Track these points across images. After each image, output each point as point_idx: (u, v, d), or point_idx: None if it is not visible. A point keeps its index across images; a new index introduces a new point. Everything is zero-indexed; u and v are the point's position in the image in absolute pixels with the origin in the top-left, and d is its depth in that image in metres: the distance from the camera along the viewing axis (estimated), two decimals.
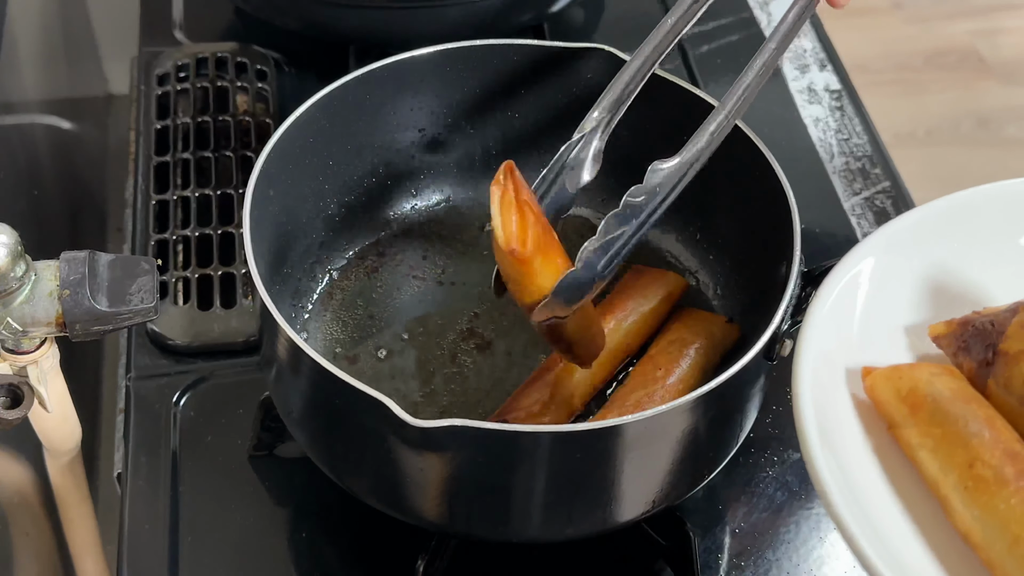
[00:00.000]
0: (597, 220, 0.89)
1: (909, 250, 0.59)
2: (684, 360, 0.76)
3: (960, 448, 0.51)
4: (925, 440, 0.53)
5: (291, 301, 0.81)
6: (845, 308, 0.57)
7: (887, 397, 0.54)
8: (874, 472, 0.53)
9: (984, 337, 0.54)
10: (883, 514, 0.51)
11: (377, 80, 0.81)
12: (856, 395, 0.55)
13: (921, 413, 0.53)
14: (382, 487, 0.69)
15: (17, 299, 0.64)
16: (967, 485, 0.50)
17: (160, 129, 1.00)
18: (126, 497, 0.78)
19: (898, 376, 0.54)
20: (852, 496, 0.49)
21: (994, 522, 0.49)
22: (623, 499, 0.68)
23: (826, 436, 0.51)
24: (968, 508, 0.50)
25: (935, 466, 0.52)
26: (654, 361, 0.77)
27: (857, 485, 0.51)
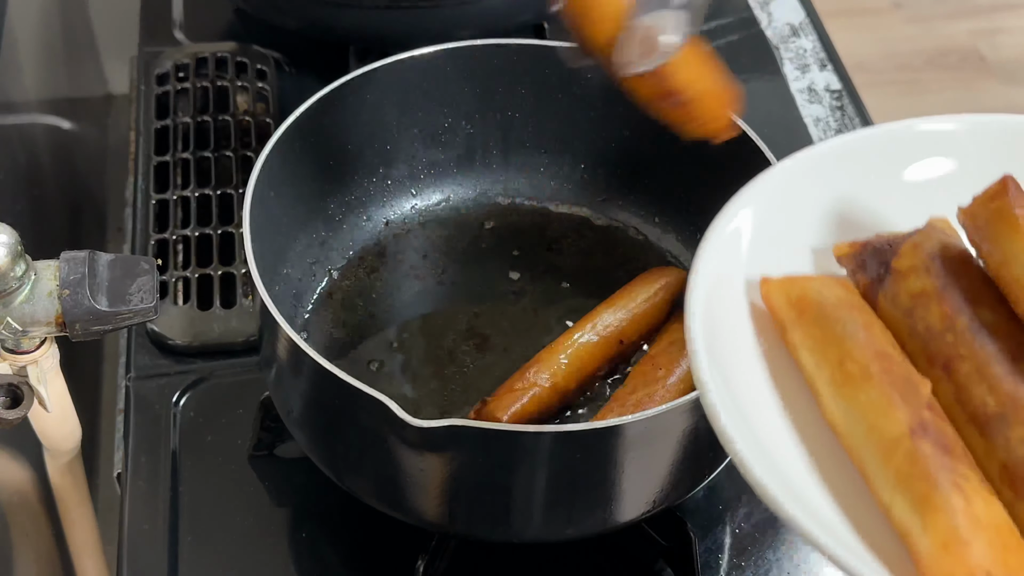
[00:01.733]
0: (597, 219, 0.89)
1: (813, 180, 0.62)
2: (684, 360, 0.76)
3: (835, 347, 0.56)
4: (806, 340, 0.57)
5: (291, 301, 0.81)
6: (750, 230, 0.61)
7: (779, 303, 0.58)
8: (758, 370, 0.57)
9: (880, 255, 0.59)
10: (759, 406, 0.55)
11: (377, 80, 0.81)
12: (755, 303, 0.59)
13: (806, 316, 0.57)
14: (382, 487, 0.69)
15: (17, 299, 0.64)
16: (836, 380, 0.55)
17: (160, 129, 1.00)
18: (126, 497, 0.78)
19: (791, 284, 0.59)
20: (728, 391, 0.53)
21: (856, 412, 0.53)
22: (623, 499, 0.68)
23: (713, 341, 0.55)
24: (835, 400, 0.54)
25: (812, 363, 0.56)
26: (654, 361, 0.77)
27: (737, 379, 0.55)
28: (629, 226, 0.89)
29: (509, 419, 0.73)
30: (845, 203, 0.63)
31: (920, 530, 0.49)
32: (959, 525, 0.48)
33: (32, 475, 0.83)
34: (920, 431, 0.51)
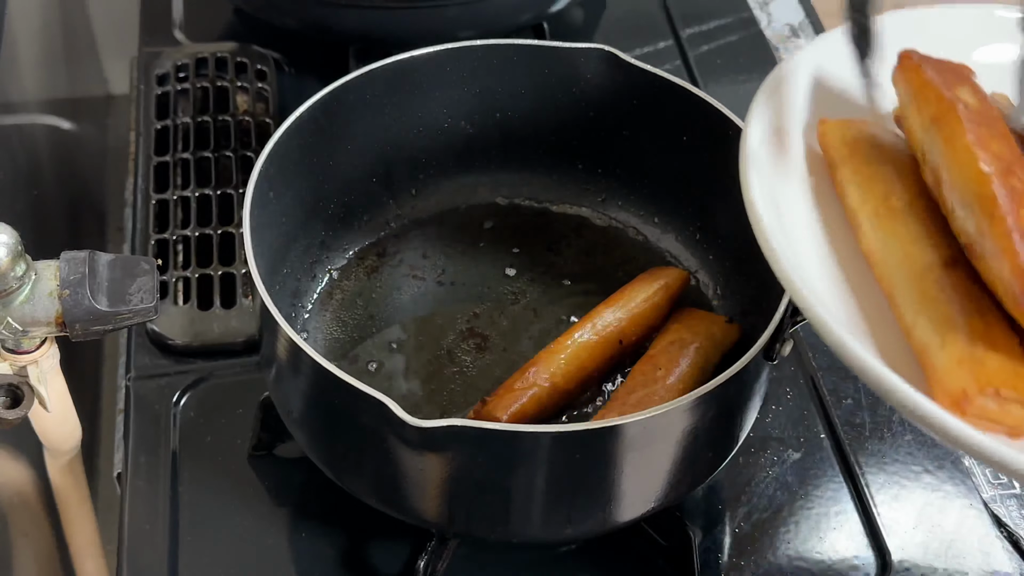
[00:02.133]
0: (597, 219, 0.89)
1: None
2: (684, 359, 0.76)
3: (882, 183, 0.58)
4: (855, 176, 0.59)
5: (291, 301, 0.81)
6: (812, 80, 0.64)
7: (835, 141, 0.61)
8: (806, 203, 0.60)
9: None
10: (803, 235, 0.59)
11: (377, 80, 0.81)
12: (811, 145, 0.62)
13: (858, 155, 0.60)
14: (382, 487, 0.69)
15: (17, 299, 0.64)
16: (880, 212, 0.58)
17: (160, 129, 1.00)
18: (126, 497, 0.78)
19: (848, 125, 0.61)
20: (779, 219, 0.56)
21: (893, 241, 0.56)
22: (623, 499, 0.68)
23: (767, 177, 0.58)
24: (875, 231, 0.57)
25: (857, 197, 0.59)
26: (654, 361, 0.77)
27: (784, 210, 0.58)
28: (629, 226, 0.89)
29: (509, 419, 0.73)
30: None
31: (938, 347, 0.51)
32: (976, 345, 0.50)
33: (32, 475, 0.83)
34: (952, 263, 0.54)
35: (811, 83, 0.64)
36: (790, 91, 0.63)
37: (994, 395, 0.49)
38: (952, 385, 0.50)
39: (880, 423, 0.84)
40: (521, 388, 0.74)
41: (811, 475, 0.81)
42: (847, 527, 0.79)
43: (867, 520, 0.79)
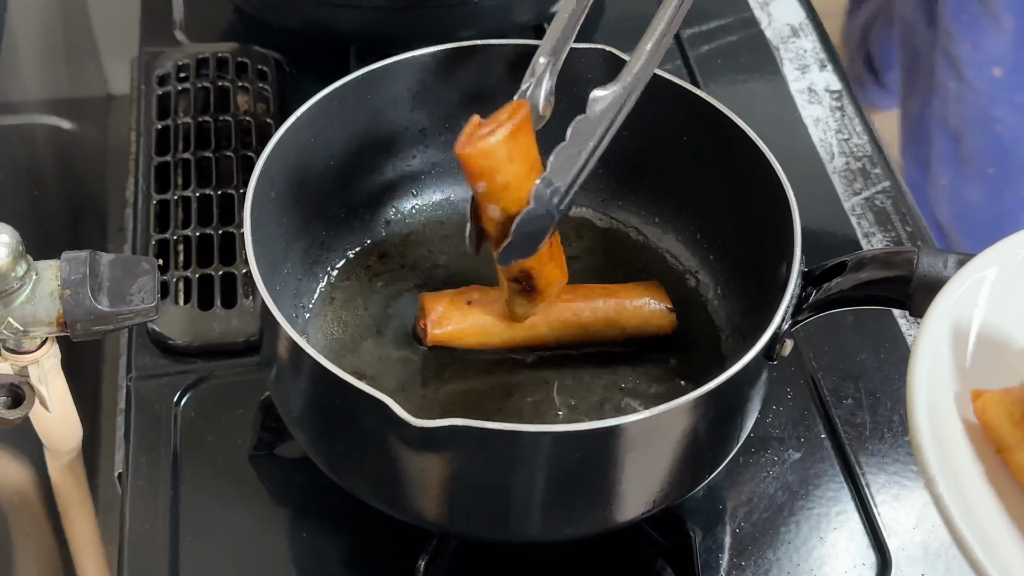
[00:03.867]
0: (597, 219, 0.89)
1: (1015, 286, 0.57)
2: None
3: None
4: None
5: (292, 301, 0.81)
6: (959, 326, 0.56)
7: (999, 421, 0.53)
8: (989, 497, 0.52)
9: None
10: (1002, 538, 0.50)
11: (377, 80, 0.81)
12: (966, 418, 0.54)
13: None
14: (382, 487, 0.69)
15: (18, 299, 0.64)
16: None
17: (161, 129, 1.00)
18: (127, 497, 0.78)
19: (1011, 399, 0.53)
20: (973, 520, 0.49)
21: None
22: (623, 499, 0.68)
23: (944, 461, 0.50)
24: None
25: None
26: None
27: (975, 510, 0.50)
28: (629, 226, 0.89)
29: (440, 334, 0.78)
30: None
31: None
32: None
33: (33, 475, 0.83)
34: None
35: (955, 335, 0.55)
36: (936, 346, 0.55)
37: None
38: None
39: (881, 423, 0.84)
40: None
41: (811, 475, 0.81)
42: (847, 527, 0.79)
43: (867, 520, 0.79)
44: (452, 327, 0.79)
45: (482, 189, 0.68)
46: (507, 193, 0.68)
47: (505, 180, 0.67)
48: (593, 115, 0.70)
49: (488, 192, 0.68)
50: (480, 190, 0.68)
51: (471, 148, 0.66)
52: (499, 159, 0.66)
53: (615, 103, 0.70)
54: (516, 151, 0.67)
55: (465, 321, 0.79)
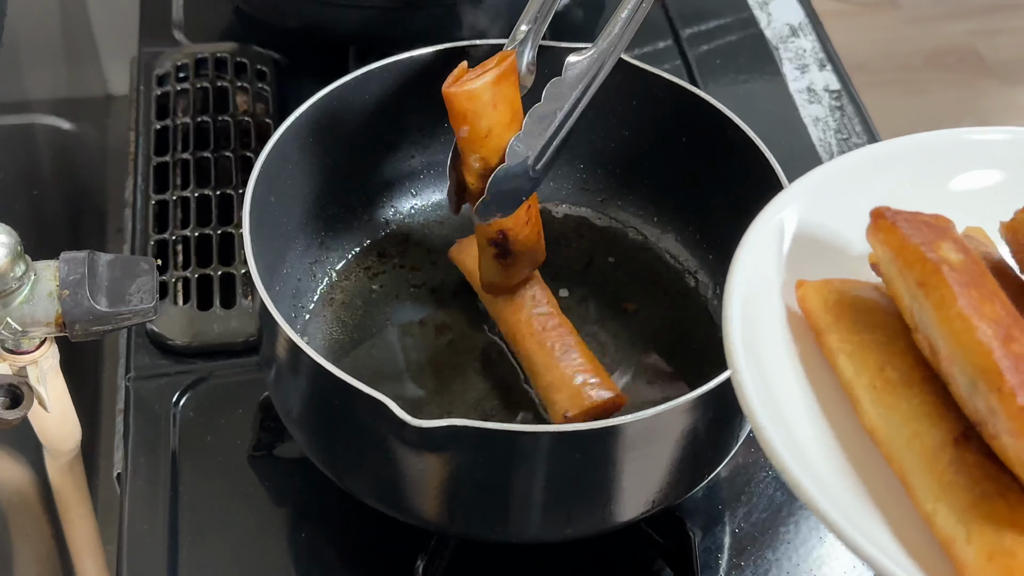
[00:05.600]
0: (597, 219, 0.89)
1: (855, 185, 0.62)
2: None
3: (875, 352, 0.55)
4: (844, 345, 0.56)
5: (291, 301, 0.81)
6: (789, 232, 0.60)
7: (816, 306, 0.58)
8: (793, 372, 0.56)
9: None
10: (797, 412, 0.54)
11: (377, 80, 0.81)
12: (790, 307, 0.59)
13: (844, 321, 0.56)
14: (382, 487, 0.69)
15: (17, 299, 0.64)
16: (877, 386, 0.54)
17: (160, 129, 1.00)
18: (126, 497, 0.78)
19: (828, 287, 0.58)
20: (768, 394, 0.53)
21: (897, 419, 0.53)
22: (623, 499, 0.68)
23: (752, 345, 0.54)
24: (875, 407, 0.54)
25: (851, 368, 0.55)
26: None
27: (772, 379, 0.54)
28: (629, 226, 0.89)
29: None
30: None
31: (964, 540, 0.49)
32: (1004, 534, 0.48)
33: (32, 475, 0.83)
34: (964, 439, 0.51)
35: (788, 233, 0.60)
36: (766, 243, 0.60)
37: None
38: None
39: None
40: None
41: None
42: None
43: None
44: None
45: (465, 133, 0.69)
46: (488, 141, 0.70)
47: (488, 126, 0.69)
48: (568, 78, 0.72)
49: (470, 138, 0.69)
50: (463, 134, 0.69)
51: (457, 88, 0.68)
52: (483, 103, 0.69)
53: (590, 68, 0.72)
54: (500, 98, 0.69)
55: None
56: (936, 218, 0.56)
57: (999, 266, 0.57)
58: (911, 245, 0.54)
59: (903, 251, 0.54)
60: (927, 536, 0.50)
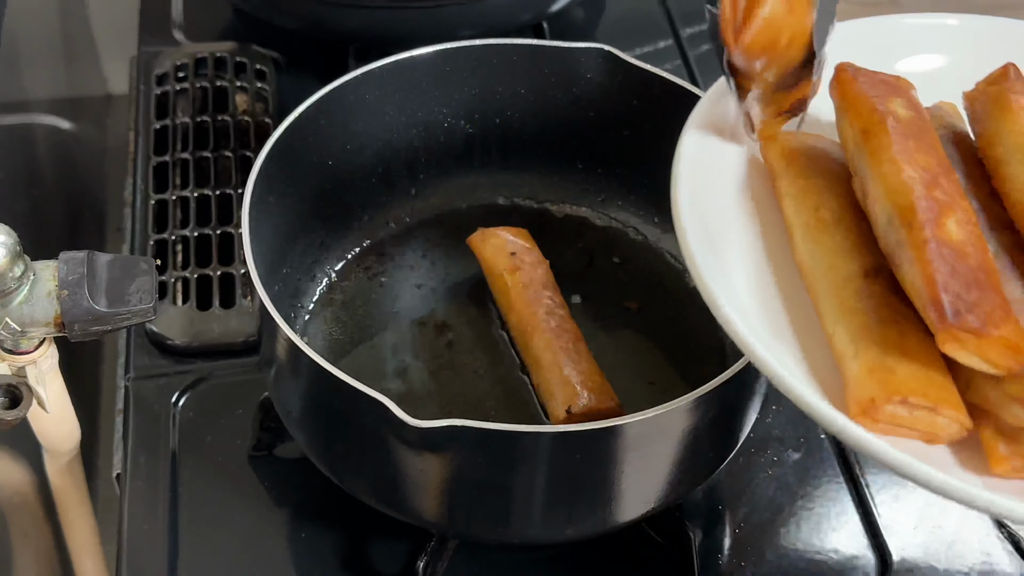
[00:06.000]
0: (597, 219, 0.89)
1: None
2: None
3: (814, 195, 0.59)
4: (791, 188, 0.60)
5: (290, 301, 0.81)
6: None
7: (774, 154, 0.62)
8: (745, 220, 0.61)
9: None
10: (737, 253, 0.59)
11: (377, 80, 0.81)
12: (753, 156, 0.63)
13: (795, 167, 0.61)
14: (382, 487, 0.69)
15: (16, 299, 0.64)
16: (811, 224, 0.58)
17: (159, 129, 1.00)
18: (125, 498, 0.78)
19: (788, 137, 0.62)
20: (707, 235, 0.57)
21: (819, 253, 0.57)
22: (623, 499, 0.68)
23: (699, 196, 0.59)
24: (805, 242, 0.58)
25: (792, 209, 0.60)
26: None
27: (717, 230, 0.58)
28: (629, 226, 0.89)
29: None
30: None
31: (851, 356, 0.52)
32: (888, 354, 0.51)
33: (31, 476, 0.83)
34: (874, 273, 0.55)
35: None
36: (718, 99, 0.63)
37: (902, 403, 0.50)
38: (861, 394, 0.51)
39: None
40: None
41: (811, 475, 0.81)
42: (847, 527, 0.78)
43: (867, 520, 0.79)
44: None
45: (761, 66, 0.59)
46: (793, 44, 0.59)
47: (789, 36, 0.59)
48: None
49: (770, 61, 0.59)
50: (758, 68, 0.59)
51: (748, 35, 0.58)
52: (778, 24, 0.58)
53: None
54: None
55: None
56: (896, 79, 0.60)
57: (961, 137, 0.60)
58: (864, 96, 0.58)
59: (856, 101, 0.58)
60: (830, 359, 0.54)
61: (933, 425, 0.51)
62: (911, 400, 0.50)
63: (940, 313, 0.49)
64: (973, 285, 0.50)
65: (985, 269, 0.51)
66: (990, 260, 0.52)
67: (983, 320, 0.49)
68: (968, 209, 0.54)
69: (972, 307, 0.49)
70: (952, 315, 0.49)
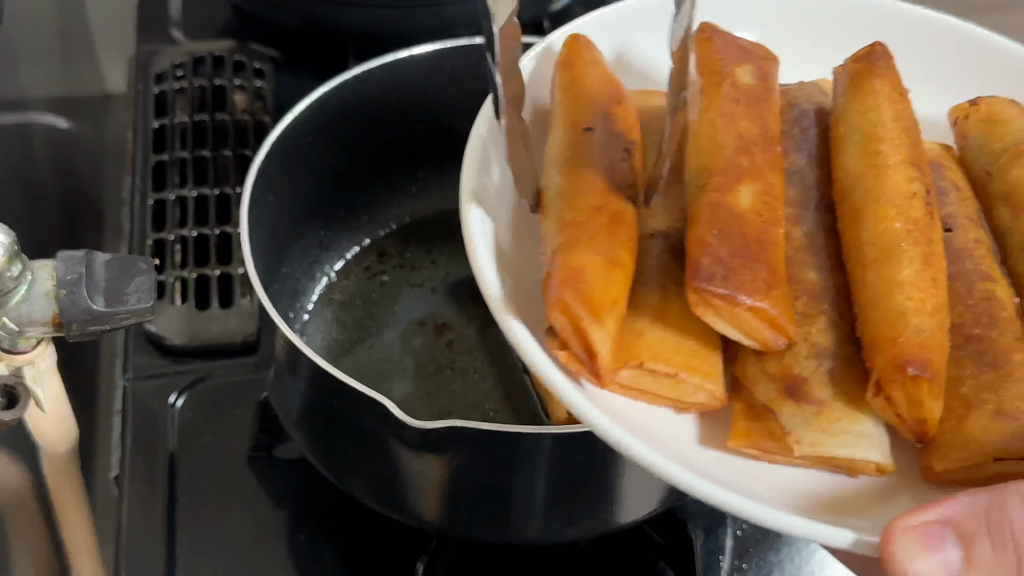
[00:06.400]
0: None
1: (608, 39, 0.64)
2: None
3: None
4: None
5: (290, 301, 0.81)
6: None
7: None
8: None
9: None
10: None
11: (376, 79, 0.81)
12: None
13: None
14: (381, 488, 0.69)
15: (13, 299, 0.64)
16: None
17: (157, 128, 1.00)
18: (123, 498, 0.77)
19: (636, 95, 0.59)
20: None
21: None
22: (625, 500, 0.68)
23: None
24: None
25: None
26: None
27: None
28: None
29: None
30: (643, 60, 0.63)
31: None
32: (640, 318, 0.49)
33: (28, 476, 0.83)
34: (662, 236, 0.52)
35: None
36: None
37: (640, 368, 0.48)
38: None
39: None
40: None
41: None
42: None
43: None
44: None
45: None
46: None
47: None
48: None
49: None
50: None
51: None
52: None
53: None
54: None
55: None
56: (756, 46, 0.58)
57: (824, 114, 0.57)
58: (712, 57, 0.56)
59: (704, 60, 0.56)
60: None
61: (679, 392, 0.49)
62: (648, 365, 0.48)
63: (694, 273, 0.47)
64: (741, 253, 0.48)
65: (763, 240, 0.49)
66: (776, 234, 0.50)
67: (736, 287, 0.47)
68: (775, 182, 0.51)
69: (730, 273, 0.47)
70: (704, 278, 0.47)
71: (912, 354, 0.46)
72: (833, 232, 0.53)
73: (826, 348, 0.49)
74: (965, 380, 0.48)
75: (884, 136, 0.53)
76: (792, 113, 0.57)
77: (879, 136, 0.53)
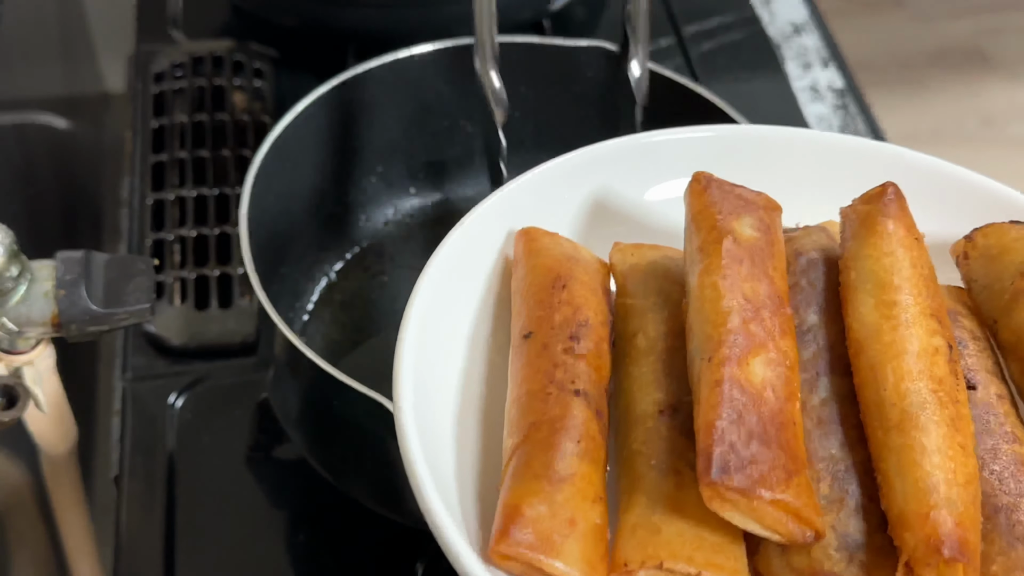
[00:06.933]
0: None
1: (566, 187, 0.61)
2: None
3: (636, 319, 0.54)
4: (619, 309, 0.55)
5: (289, 301, 0.81)
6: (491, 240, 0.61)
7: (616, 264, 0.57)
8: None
9: None
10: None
11: (375, 78, 0.80)
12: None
13: (630, 284, 0.56)
14: (381, 489, 0.69)
15: (12, 299, 0.64)
16: (623, 353, 0.53)
17: (157, 128, 0.99)
18: (122, 499, 0.77)
19: (633, 250, 0.57)
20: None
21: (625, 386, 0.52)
22: None
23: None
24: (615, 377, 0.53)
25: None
26: None
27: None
28: None
29: None
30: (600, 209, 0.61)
31: (623, 509, 0.48)
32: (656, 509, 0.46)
33: (27, 477, 0.83)
34: (671, 411, 0.50)
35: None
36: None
37: (660, 568, 0.45)
38: (617, 556, 0.45)
39: None
40: None
41: None
42: None
43: None
44: None
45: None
46: None
47: None
48: None
49: None
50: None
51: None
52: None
53: None
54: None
55: None
56: (757, 195, 0.54)
57: (834, 262, 0.54)
58: (709, 211, 0.52)
59: (700, 215, 0.53)
60: None
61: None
62: (668, 565, 0.44)
63: (706, 465, 0.43)
64: (757, 437, 0.44)
65: (780, 420, 0.45)
66: (793, 410, 0.46)
67: (754, 480, 0.43)
68: (788, 349, 0.48)
69: (745, 463, 0.43)
70: (718, 470, 0.43)
71: (947, 533, 0.42)
72: (852, 400, 0.49)
73: (856, 538, 0.45)
74: (994, 557, 0.45)
75: (901, 285, 0.50)
76: (799, 263, 0.54)
77: (896, 285, 0.50)
